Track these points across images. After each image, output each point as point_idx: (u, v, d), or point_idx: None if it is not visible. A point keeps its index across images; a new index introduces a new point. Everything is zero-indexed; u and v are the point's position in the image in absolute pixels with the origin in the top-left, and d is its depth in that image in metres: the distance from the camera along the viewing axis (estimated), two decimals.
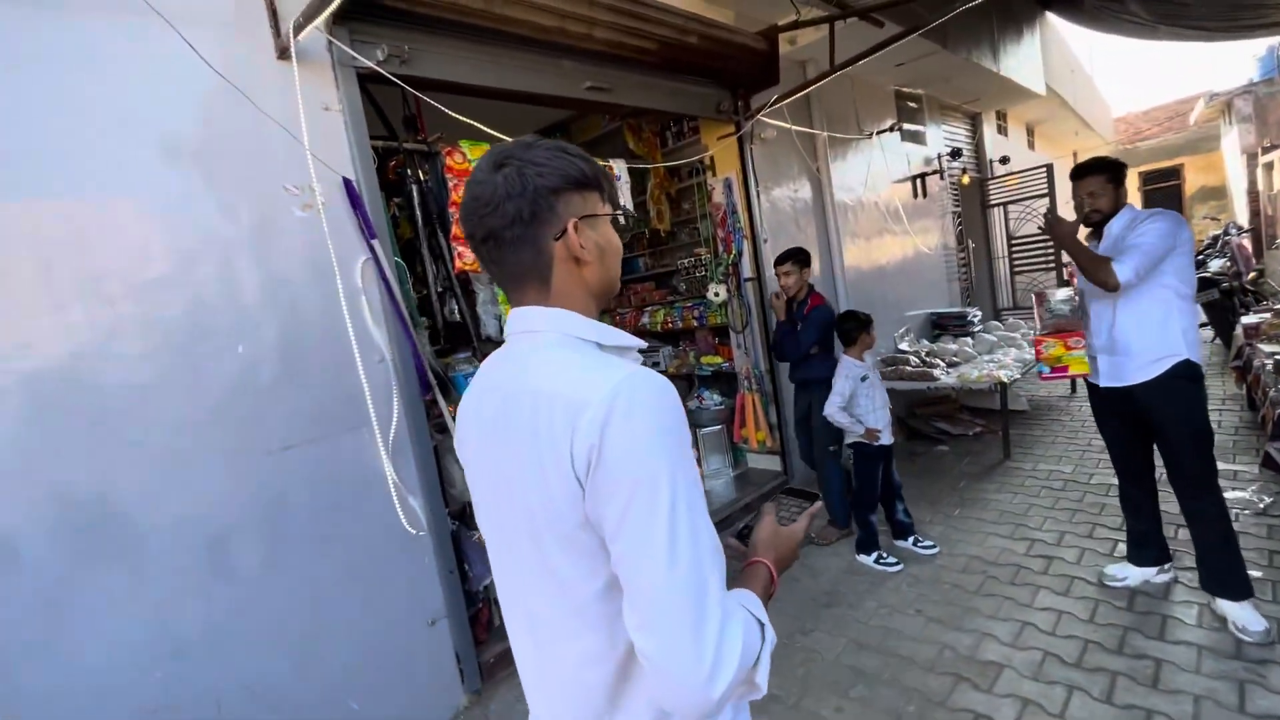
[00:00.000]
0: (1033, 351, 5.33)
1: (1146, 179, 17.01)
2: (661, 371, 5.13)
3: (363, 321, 2.25)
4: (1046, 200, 7.45)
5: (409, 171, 2.65)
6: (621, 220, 3.37)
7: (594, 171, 0.87)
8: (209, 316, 1.97)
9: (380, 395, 2.27)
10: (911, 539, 3.34)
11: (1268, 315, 4.67)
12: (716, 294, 4.23)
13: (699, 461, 4.50)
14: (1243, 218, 11.76)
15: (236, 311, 2.02)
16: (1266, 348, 3.95)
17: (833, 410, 3.27)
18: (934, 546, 3.28)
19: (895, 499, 3.38)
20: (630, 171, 3.76)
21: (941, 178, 6.67)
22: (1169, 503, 2.62)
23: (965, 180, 7.18)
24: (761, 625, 0.79)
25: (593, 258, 0.87)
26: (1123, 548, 2.90)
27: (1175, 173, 16.58)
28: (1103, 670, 2.24)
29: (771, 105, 3.96)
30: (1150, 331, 2.37)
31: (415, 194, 2.63)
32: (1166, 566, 2.70)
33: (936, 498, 3.96)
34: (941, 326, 6.32)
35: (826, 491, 3.54)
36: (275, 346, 2.10)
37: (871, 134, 5.51)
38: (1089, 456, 4.28)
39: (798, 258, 3.55)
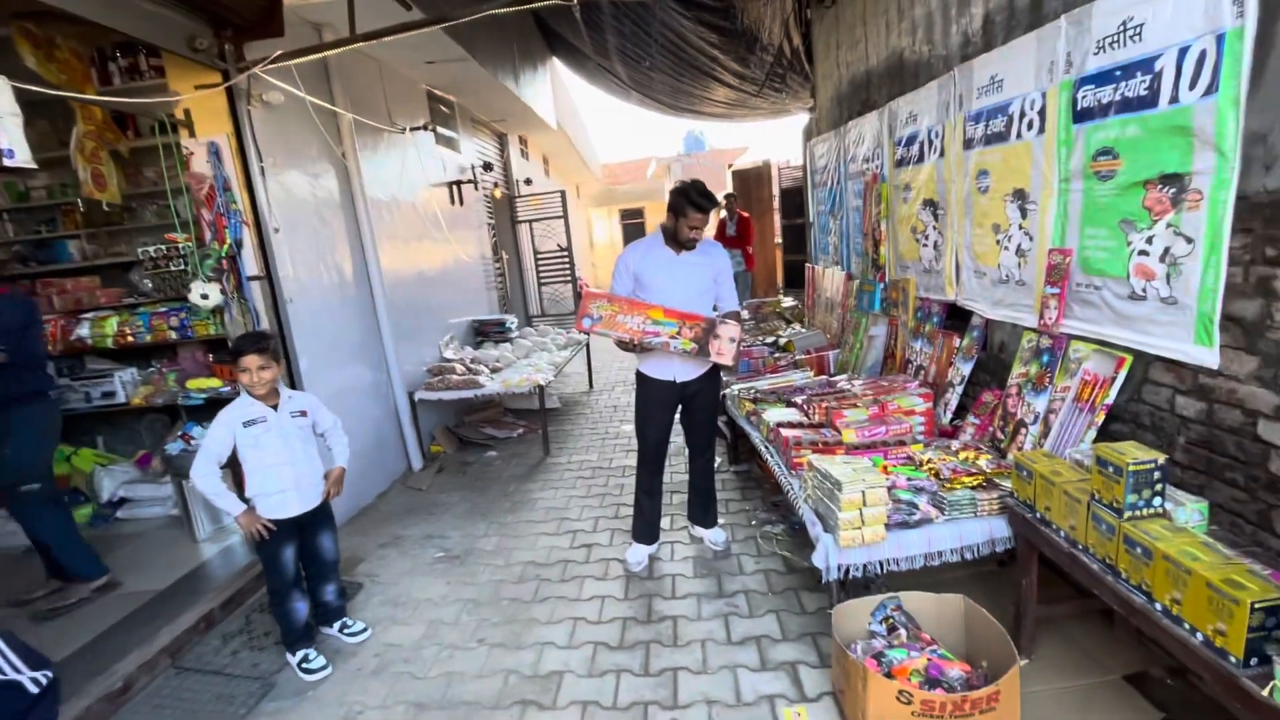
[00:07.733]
0: (562, 353, 5.91)
1: (624, 215, 22.03)
2: (121, 405, 3.61)
3: None
4: (562, 221, 8.54)
5: None
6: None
7: None
8: None
9: None
10: (338, 624, 2.67)
11: None
12: (205, 296, 3.16)
13: None
14: None
15: None
16: None
17: (197, 475, 2.28)
18: (364, 630, 2.67)
19: (323, 578, 2.63)
20: (36, 107, 2.42)
21: (476, 188, 6.84)
22: None
23: (497, 193, 7.58)
24: None
25: None
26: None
27: (640, 212, 21.85)
28: (639, 644, 2.47)
29: (274, 61, 3.17)
30: None
31: None
32: (659, 543, 3.22)
33: (488, 507, 3.91)
34: (483, 333, 6.48)
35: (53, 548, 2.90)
36: None
37: (405, 129, 5.16)
38: (609, 443, 4.98)
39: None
